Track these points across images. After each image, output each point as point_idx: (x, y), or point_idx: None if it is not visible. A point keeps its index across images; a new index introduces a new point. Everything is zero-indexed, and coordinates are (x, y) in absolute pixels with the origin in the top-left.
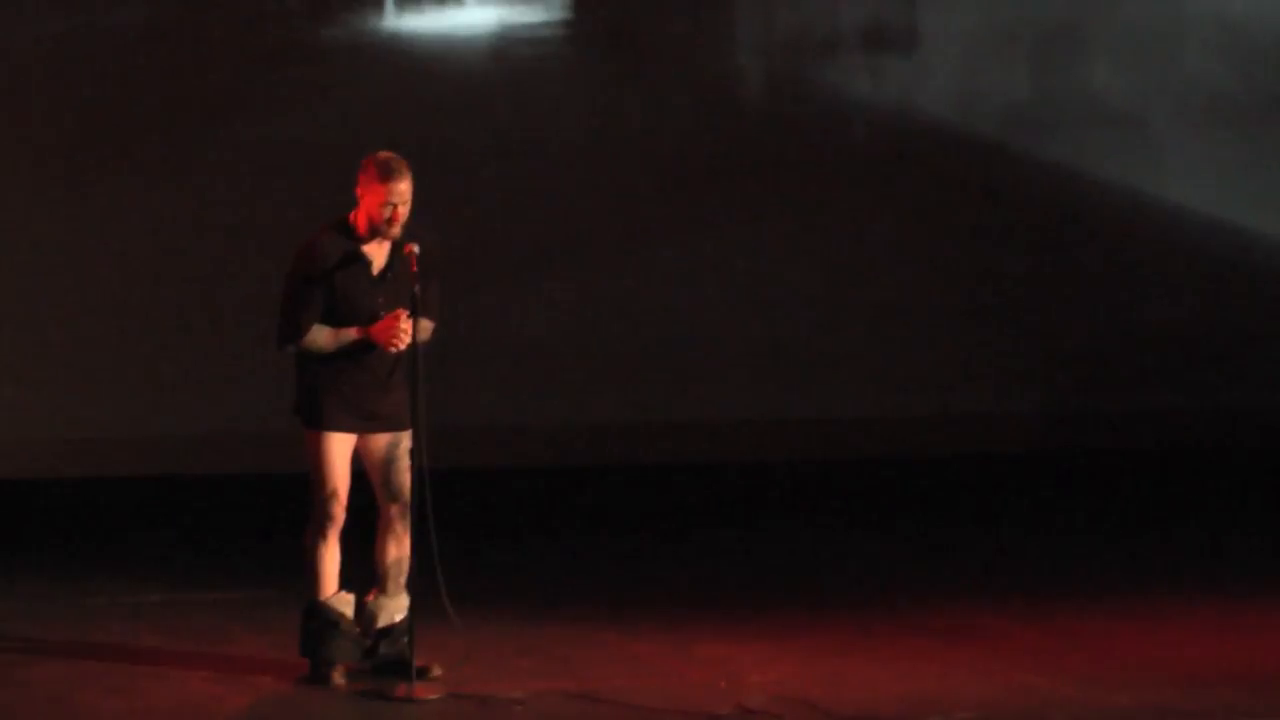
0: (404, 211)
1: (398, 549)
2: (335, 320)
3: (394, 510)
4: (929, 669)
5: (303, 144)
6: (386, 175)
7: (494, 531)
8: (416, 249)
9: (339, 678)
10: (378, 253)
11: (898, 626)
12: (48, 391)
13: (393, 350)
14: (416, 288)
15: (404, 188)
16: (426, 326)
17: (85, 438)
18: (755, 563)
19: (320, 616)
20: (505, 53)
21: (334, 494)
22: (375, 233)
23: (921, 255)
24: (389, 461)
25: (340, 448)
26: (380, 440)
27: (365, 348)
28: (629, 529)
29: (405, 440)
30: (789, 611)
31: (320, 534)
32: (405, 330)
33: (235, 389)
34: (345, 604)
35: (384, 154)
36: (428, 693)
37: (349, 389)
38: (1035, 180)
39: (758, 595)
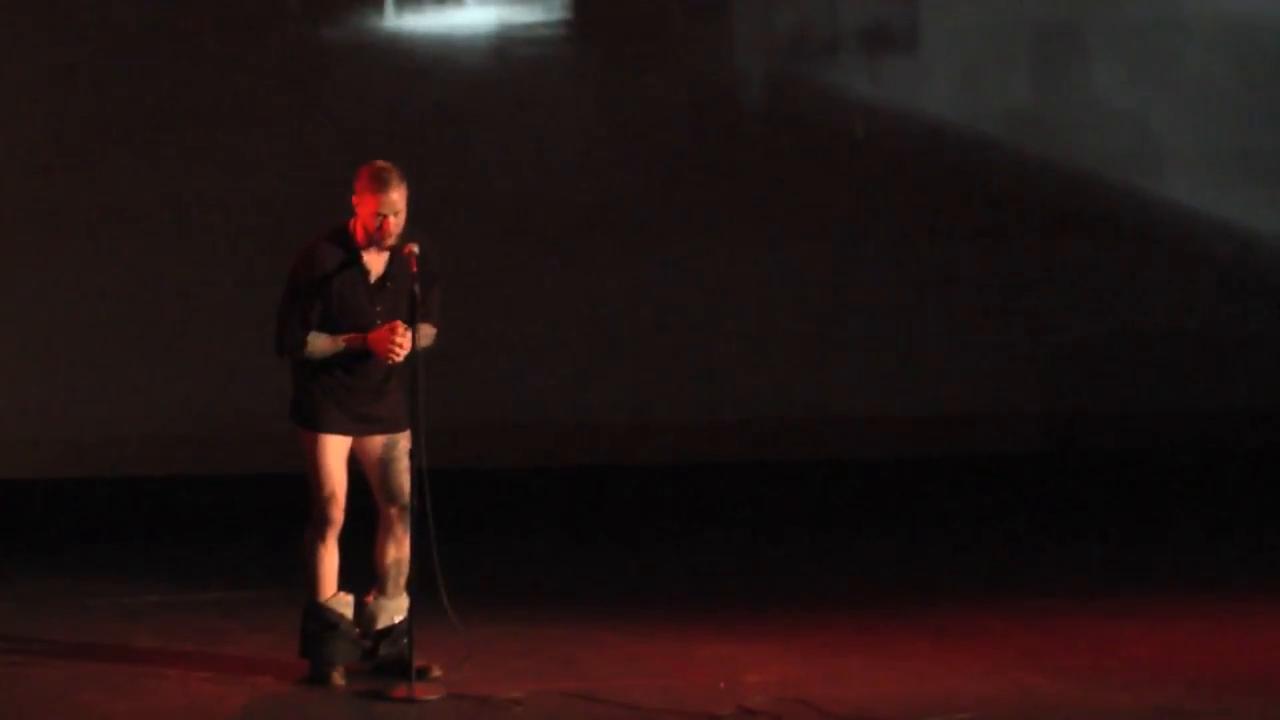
0: (395, 222)
1: (397, 550)
2: (332, 327)
3: (393, 511)
4: (929, 669)
5: (303, 144)
6: (376, 186)
7: (494, 531)
8: (416, 249)
9: (339, 678)
10: (376, 260)
11: (898, 626)
12: (48, 391)
13: (390, 361)
14: (416, 288)
15: (395, 198)
16: (428, 332)
17: (85, 438)
18: (755, 563)
19: (319, 618)
20: (505, 53)
21: (331, 496)
22: (372, 242)
23: (921, 255)
24: (386, 463)
25: (336, 450)
26: (376, 442)
27: (361, 354)
28: (629, 529)
29: (402, 441)
30: (789, 611)
31: (319, 536)
32: (402, 344)
33: (235, 389)
34: (344, 605)
35: (378, 164)
36: (428, 693)
37: (343, 393)
38: (1035, 180)
39: (758, 595)
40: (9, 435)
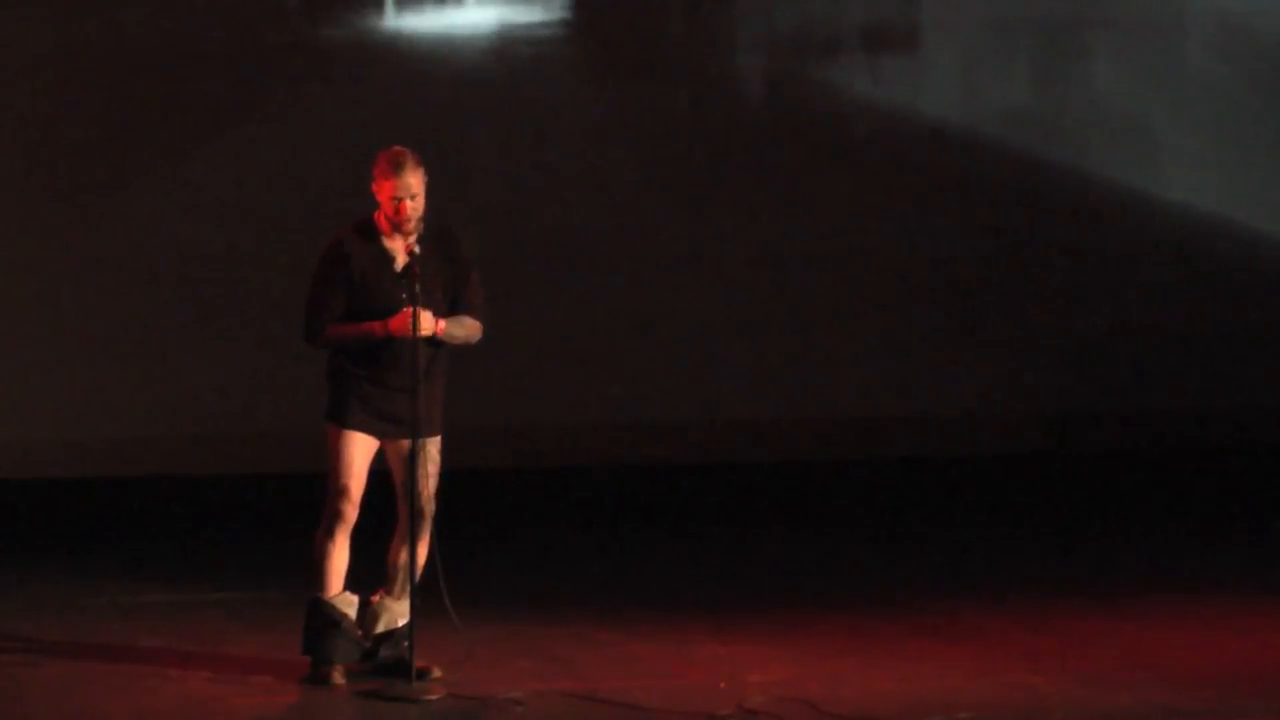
0: (412, 205)
1: (408, 553)
2: (358, 316)
3: (405, 513)
4: (929, 669)
5: (303, 144)
6: (392, 170)
7: (494, 531)
8: (417, 249)
9: (339, 677)
10: (401, 249)
11: (898, 626)
12: (48, 391)
13: (417, 334)
14: (417, 287)
15: (411, 181)
16: (470, 324)
17: (85, 438)
18: (755, 563)
19: (322, 616)
20: (505, 53)
21: (344, 491)
22: (394, 228)
23: (921, 255)
24: (409, 465)
25: (357, 448)
26: (405, 445)
27: (390, 351)
28: (629, 529)
29: (429, 446)
30: (789, 611)
31: (329, 532)
32: (424, 320)
33: (235, 389)
34: (348, 604)
35: (394, 148)
36: (428, 693)
37: (372, 392)
38: (1035, 180)
39: (757, 595)
40: (9, 435)
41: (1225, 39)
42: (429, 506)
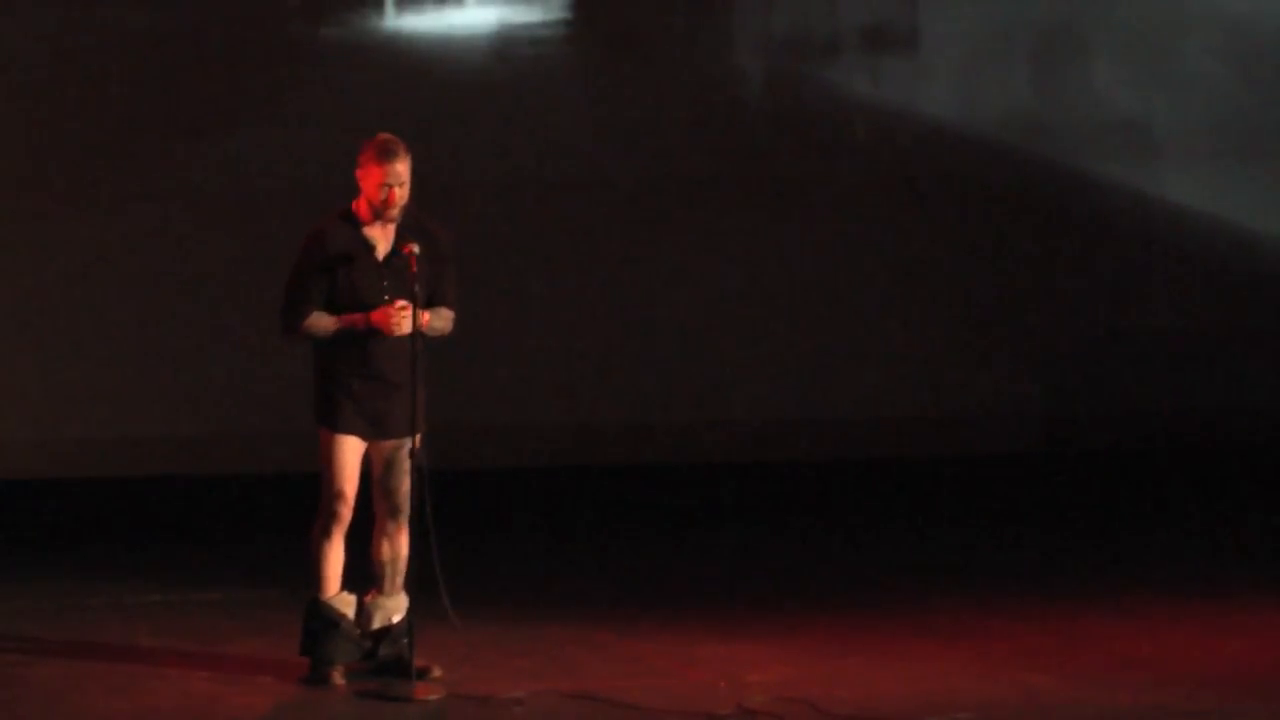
0: (400, 193)
1: (391, 549)
2: (340, 306)
3: (384, 510)
4: (929, 669)
5: (302, 144)
6: (383, 157)
7: (494, 531)
8: (416, 249)
9: (339, 677)
10: (382, 237)
11: (898, 626)
12: (47, 391)
13: (395, 333)
14: (417, 288)
15: (401, 169)
16: (446, 315)
17: (85, 438)
18: (755, 563)
19: (321, 616)
20: (505, 53)
21: (340, 493)
22: (377, 216)
23: (921, 255)
24: (389, 464)
25: (349, 450)
26: (388, 445)
27: (376, 346)
28: (629, 529)
29: (410, 443)
30: (789, 611)
31: (325, 533)
32: (405, 316)
33: (235, 389)
34: (346, 604)
35: (383, 136)
36: (428, 693)
37: (362, 388)
38: (1035, 181)
39: (758, 595)
40: (9, 435)
41: (1225, 39)
42: (405, 503)
